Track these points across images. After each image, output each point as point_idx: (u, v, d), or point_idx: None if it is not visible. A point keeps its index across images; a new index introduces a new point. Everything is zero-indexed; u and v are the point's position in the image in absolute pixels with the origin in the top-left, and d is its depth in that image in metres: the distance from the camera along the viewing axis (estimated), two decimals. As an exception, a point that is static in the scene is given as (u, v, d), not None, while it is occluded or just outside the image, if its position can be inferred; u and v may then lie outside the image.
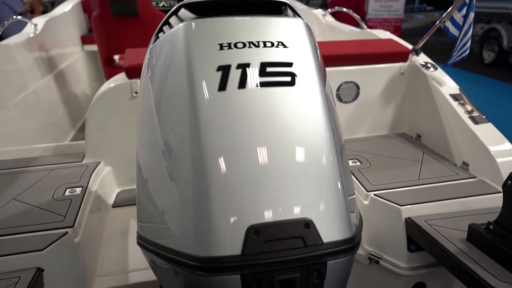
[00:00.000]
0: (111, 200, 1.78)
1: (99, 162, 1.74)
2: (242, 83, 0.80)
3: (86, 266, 1.33)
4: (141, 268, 1.42)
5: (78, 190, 1.51)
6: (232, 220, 0.72)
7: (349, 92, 1.98)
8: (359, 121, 2.05)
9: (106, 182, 1.75)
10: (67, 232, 1.24)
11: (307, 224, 0.73)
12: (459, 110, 1.70)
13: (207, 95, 0.78)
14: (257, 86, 0.80)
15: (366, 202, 1.52)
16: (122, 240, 1.57)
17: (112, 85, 1.72)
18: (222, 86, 0.79)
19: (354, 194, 0.88)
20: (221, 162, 0.74)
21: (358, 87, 1.99)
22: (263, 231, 0.71)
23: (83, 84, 3.54)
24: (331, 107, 0.85)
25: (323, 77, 0.87)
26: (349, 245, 0.77)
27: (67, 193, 1.48)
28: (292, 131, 0.79)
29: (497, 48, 8.07)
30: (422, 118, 1.98)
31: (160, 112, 0.84)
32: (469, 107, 1.70)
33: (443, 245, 1.21)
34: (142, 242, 0.88)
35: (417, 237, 1.35)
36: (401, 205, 1.41)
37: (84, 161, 1.77)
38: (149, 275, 1.39)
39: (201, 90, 0.79)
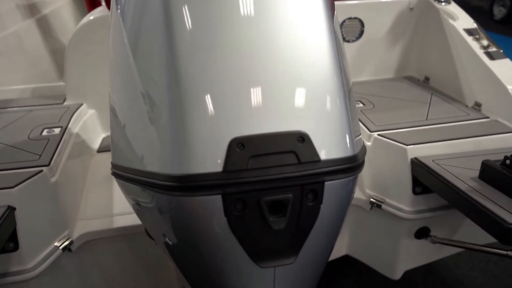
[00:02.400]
0: (95, 144, 1.67)
1: (81, 104, 1.62)
2: None
3: (66, 209, 1.23)
4: (126, 212, 1.33)
5: (57, 130, 1.39)
6: (212, 131, 0.60)
7: (352, 30, 1.82)
8: (362, 63, 1.90)
9: (90, 126, 1.63)
10: (41, 171, 1.14)
11: (302, 138, 0.61)
12: (474, 45, 1.55)
13: None
14: None
15: (368, 143, 1.40)
16: (107, 185, 1.47)
17: (91, 17, 1.56)
18: None
19: (360, 134, 0.75)
20: (199, 63, 0.62)
21: (362, 24, 1.82)
22: (248, 144, 0.60)
23: (70, 35, 3.33)
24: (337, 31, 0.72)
25: (331, 5, 0.72)
26: (351, 164, 0.65)
27: (44, 133, 1.37)
28: (287, 33, 0.66)
29: (509, 4, 7.68)
30: (431, 58, 1.82)
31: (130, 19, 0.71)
32: (485, 42, 1.55)
33: (454, 184, 1.10)
34: (116, 170, 0.78)
35: (424, 178, 1.24)
36: (407, 145, 1.30)
37: (65, 104, 1.64)
38: (135, 219, 1.29)
39: None
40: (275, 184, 0.60)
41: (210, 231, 0.63)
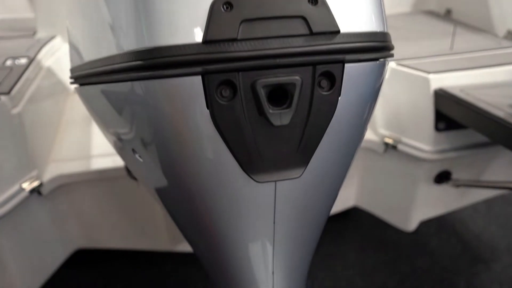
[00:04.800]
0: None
1: (54, 36, 1.42)
2: None
3: (33, 148, 1.06)
4: (106, 154, 1.17)
5: (23, 60, 1.20)
6: None
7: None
8: None
9: (65, 62, 1.43)
10: None
11: None
12: (508, -38, 1.33)
13: None
14: None
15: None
16: (84, 127, 1.30)
17: None
18: None
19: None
20: None
21: None
22: (238, 4, 0.41)
23: None
24: None
25: None
26: (381, 43, 0.48)
27: (7, 63, 1.18)
28: None
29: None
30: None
31: None
32: (521, -42, 1.33)
33: (492, 113, 0.92)
34: (75, 73, 0.61)
35: (451, 110, 1.06)
36: (430, 73, 1.11)
37: (36, 37, 1.44)
38: (116, 161, 1.14)
39: None
40: (277, 61, 0.42)
41: (188, 132, 0.46)
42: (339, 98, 0.46)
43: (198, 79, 0.42)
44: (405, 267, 1.57)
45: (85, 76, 0.56)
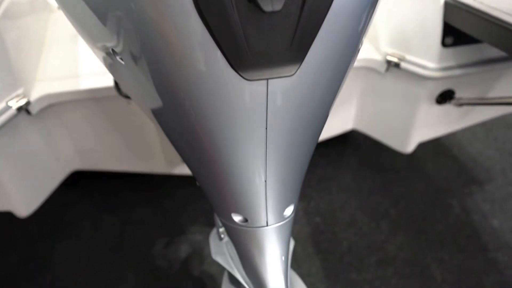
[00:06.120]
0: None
1: None
2: None
3: (18, 65, 1.01)
4: (95, 72, 1.11)
5: None
6: None
7: None
8: None
9: (43, -27, 1.32)
10: None
11: None
12: None
13: None
14: None
15: (391, -15, 1.12)
16: (72, 45, 1.23)
17: None
18: None
19: None
20: None
21: None
22: None
23: None
24: None
25: None
26: None
27: None
28: None
29: None
30: None
31: None
32: None
33: (506, 21, 0.85)
34: None
35: (461, 22, 0.99)
36: None
37: None
38: (106, 80, 1.09)
39: None
40: None
41: (171, 24, 0.40)
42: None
43: None
44: (399, 189, 1.60)
45: None
